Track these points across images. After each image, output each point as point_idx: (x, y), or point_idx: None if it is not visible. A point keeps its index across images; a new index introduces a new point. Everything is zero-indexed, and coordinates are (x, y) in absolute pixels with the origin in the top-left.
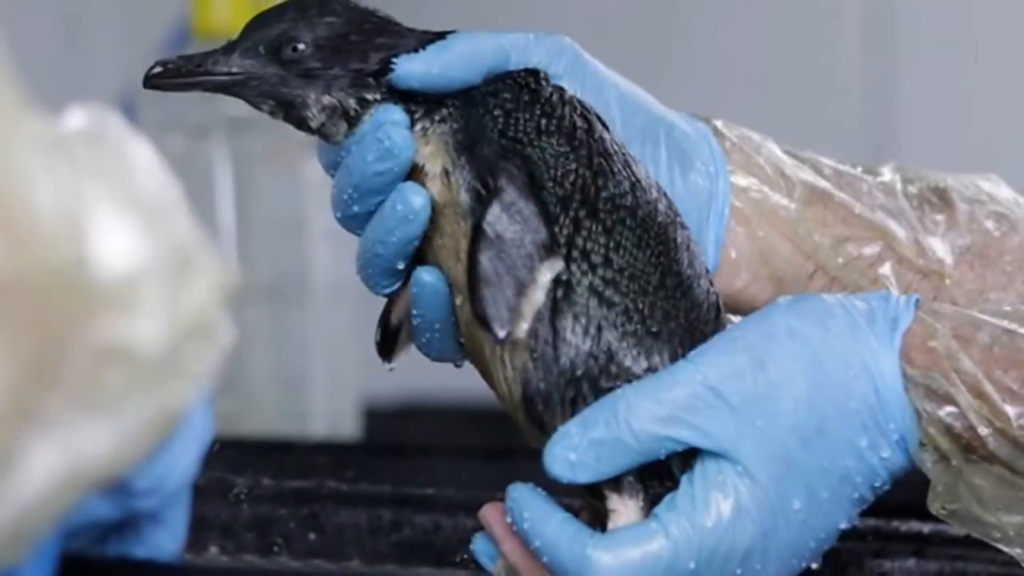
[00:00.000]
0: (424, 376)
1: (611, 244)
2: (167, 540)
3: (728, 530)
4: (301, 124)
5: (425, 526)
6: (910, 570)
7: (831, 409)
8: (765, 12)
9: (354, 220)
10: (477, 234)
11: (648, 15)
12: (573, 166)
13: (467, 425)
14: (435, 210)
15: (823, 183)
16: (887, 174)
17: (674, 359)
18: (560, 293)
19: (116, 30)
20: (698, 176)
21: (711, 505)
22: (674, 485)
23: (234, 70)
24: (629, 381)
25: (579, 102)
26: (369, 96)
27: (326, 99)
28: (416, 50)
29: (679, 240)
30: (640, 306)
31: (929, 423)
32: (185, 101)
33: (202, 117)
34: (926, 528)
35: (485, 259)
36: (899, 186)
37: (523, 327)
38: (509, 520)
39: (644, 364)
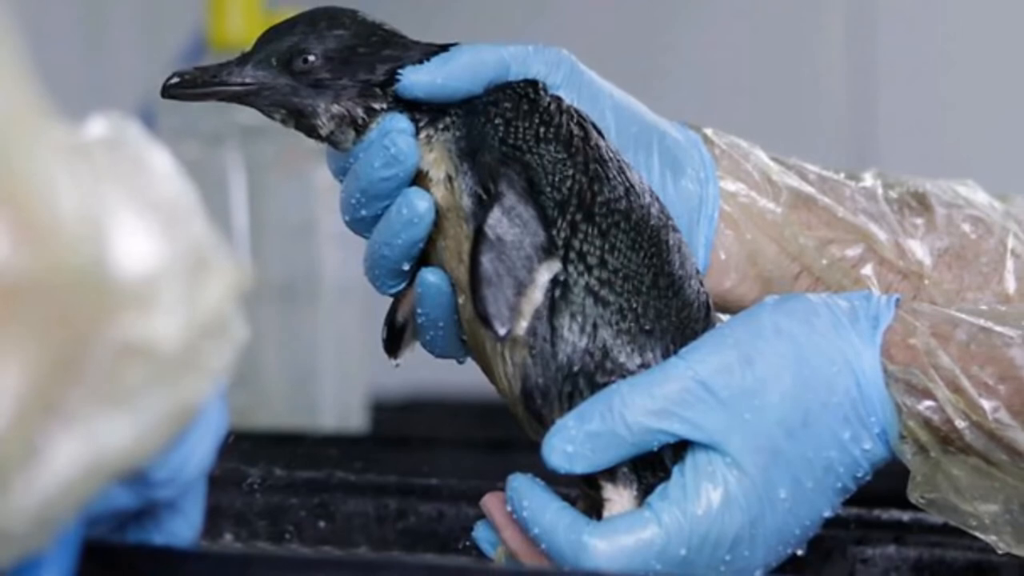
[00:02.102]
0: (428, 372)
1: (606, 246)
2: (184, 527)
3: (717, 518)
4: (311, 132)
5: (429, 514)
6: (891, 556)
7: (815, 403)
8: (752, 26)
9: (362, 223)
10: (479, 236)
11: (642, 29)
12: (570, 172)
13: (469, 418)
14: (439, 214)
15: (808, 188)
16: (869, 179)
17: (666, 356)
18: (558, 293)
19: (135, 42)
20: (689, 182)
21: (701, 494)
22: (666, 476)
23: (248, 80)
24: (623, 377)
25: (576, 111)
26: (376, 105)
27: (335, 108)
28: (421, 62)
29: (671, 242)
30: (634, 305)
31: (909, 416)
32: (201, 110)
33: (217, 125)
34: (906, 516)
35: (486, 260)
36: (880, 191)
37: (522, 325)
38: (509, 509)
39: (638, 360)
